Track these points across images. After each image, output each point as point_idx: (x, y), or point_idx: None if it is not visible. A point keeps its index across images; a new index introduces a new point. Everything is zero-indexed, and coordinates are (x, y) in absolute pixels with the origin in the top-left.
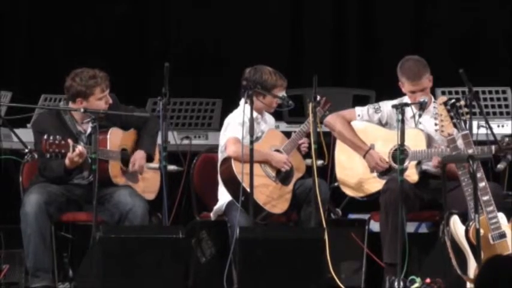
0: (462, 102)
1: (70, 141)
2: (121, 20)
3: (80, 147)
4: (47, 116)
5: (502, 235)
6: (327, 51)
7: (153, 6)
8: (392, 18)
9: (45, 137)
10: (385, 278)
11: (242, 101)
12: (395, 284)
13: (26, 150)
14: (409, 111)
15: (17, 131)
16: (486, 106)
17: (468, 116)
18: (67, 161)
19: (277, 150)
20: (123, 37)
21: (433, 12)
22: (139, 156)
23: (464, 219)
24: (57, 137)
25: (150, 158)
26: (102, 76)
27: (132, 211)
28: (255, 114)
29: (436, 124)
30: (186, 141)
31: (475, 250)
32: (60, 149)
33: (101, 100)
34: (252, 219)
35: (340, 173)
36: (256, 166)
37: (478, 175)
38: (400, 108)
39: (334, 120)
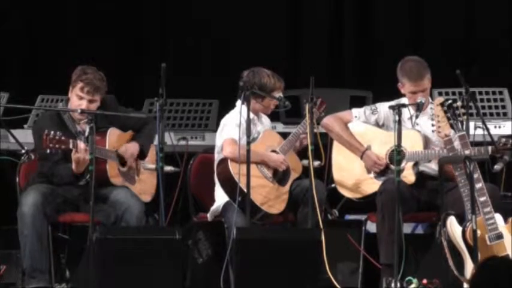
0: (459, 103)
1: (71, 140)
2: (118, 20)
3: (81, 144)
4: (46, 117)
5: (499, 236)
6: (324, 52)
7: (150, 5)
8: (390, 19)
9: (46, 131)
10: (382, 279)
11: (239, 102)
12: (392, 285)
13: (23, 151)
14: (406, 112)
15: (14, 131)
16: (483, 107)
17: (465, 117)
18: (74, 166)
19: (274, 151)
20: (120, 37)
21: (431, 13)
22: (131, 144)
23: (461, 220)
24: (58, 132)
25: (142, 154)
26: (99, 82)
27: (128, 211)
28: (251, 115)
29: (433, 125)
30: (182, 142)
31: (472, 251)
32: (60, 145)
33: (79, 98)
34: (249, 219)
35: (337, 174)
36: (252, 167)
37: (475, 176)
38: (397, 109)
39: (331, 122)
